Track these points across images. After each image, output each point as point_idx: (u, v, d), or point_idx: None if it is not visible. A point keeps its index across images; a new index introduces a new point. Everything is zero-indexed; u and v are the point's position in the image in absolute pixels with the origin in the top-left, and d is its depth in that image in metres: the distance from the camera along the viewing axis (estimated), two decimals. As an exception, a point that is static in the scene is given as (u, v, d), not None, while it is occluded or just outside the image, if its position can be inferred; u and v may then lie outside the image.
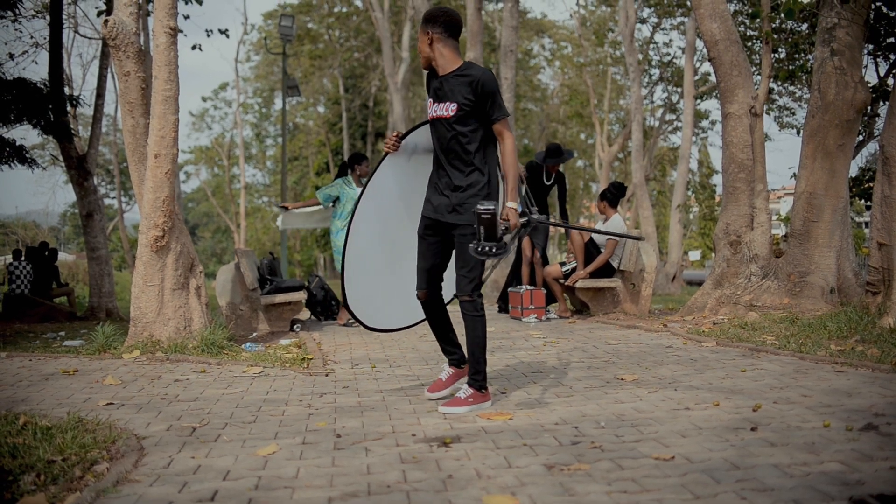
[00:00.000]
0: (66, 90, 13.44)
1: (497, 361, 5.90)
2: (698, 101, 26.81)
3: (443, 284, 4.50)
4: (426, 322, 4.66)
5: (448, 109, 4.18)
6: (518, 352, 6.39)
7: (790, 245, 8.09)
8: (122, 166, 37.08)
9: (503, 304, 10.07)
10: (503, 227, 3.96)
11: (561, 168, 9.82)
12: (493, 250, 3.85)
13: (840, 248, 7.92)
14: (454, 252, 4.31)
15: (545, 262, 9.60)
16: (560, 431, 3.60)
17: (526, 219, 4.38)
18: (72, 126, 13.40)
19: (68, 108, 13.30)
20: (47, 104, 11.91)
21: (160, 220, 6.62)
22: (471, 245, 3.91)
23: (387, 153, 4.58)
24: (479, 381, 4.21)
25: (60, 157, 13.41)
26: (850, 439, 3.20)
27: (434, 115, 4.26)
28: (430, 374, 5.41)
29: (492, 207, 3.82)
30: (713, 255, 9.76)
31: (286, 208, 9.56)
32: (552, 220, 5.04)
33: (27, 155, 12.01)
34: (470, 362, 4.24)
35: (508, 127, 4.26)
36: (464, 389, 4.21)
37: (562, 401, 4.33)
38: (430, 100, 4.32)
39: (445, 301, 4.79)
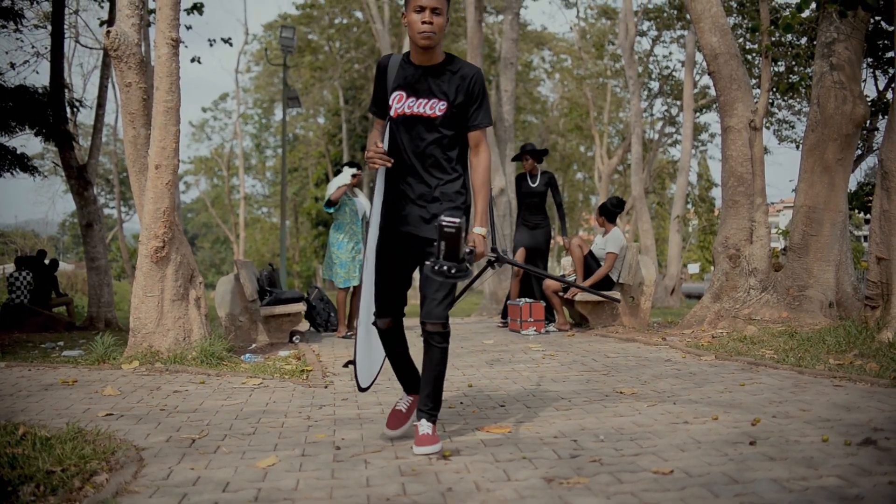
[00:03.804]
0: (67, 96, 13.47)
1: (496, 374, 5.90)
2: (698, 114, 26.88)
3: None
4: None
5: (434, 108, 3.63)
6: (517, 365, 6.39)
7: (789, 259, 8.10)
8: (121, 176, 37.17)
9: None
10: (467, 249, 3.43)
11: (550, 170, 9.71)
12: (453, 272, 3.32)
13: (839, 262, 7.93)
14: (424, 273, 3.62)
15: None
16: (559, 445, 3.60)
17: (495, 255, 3.71)
18: (72, 133, 13.43)
19: (69, 115, 13.34)
20: (47, 111, 11.94)
21: (160, 231, 6.63)
22: (427, 262, 3.38)
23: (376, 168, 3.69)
24: (436, 416, 3.66)
25: (61, 166, 13.44)
26: (848, 454, 3.20)
27: (410, 112, 3.66)
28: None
29: (458, 221, 3.32)
30: (712, 268, 9.76)
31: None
32: (521, 263, 4.40)
33: (28, 163, 12.04)
34: (432, 397, 3.65)
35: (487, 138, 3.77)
36: (424, 426, 3.58)
37: (561, 414, 4.33)
38: (401, 93, 3.68)
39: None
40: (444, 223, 3.32)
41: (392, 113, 3.69)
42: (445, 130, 3.66)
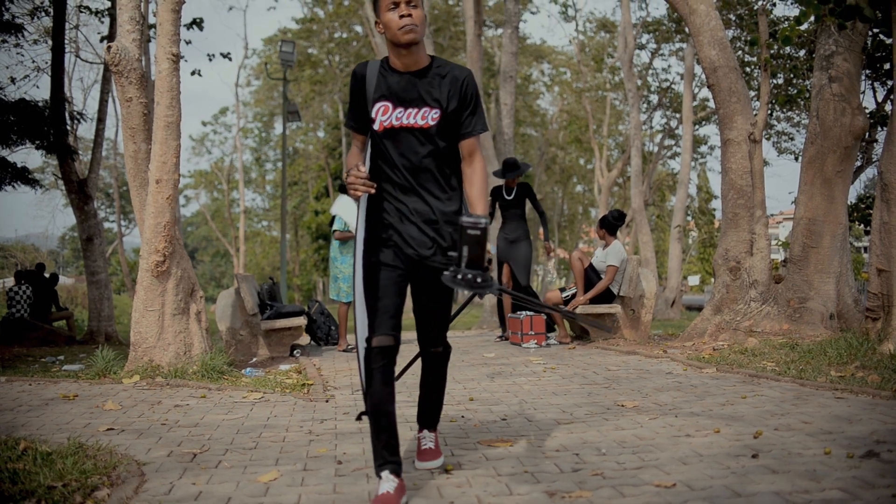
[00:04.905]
0: (68, 109, 13.52)
1: (497, 387, 5.89)
2: (697, 126, 26.94)
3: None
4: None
5: (427, 117, 3.27)
6: (518, 378, 6.38)
7: (790, 271, 8.11)
8: (122, 190, 37.21)
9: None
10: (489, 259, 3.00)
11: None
12: (478, 281, 2.81)
13: (839, 274, 7.93)
14: (428, 303, 3.43)
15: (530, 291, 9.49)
16: (561, 458, 3.60)
17: (490, 283, 2.92)
18: (73, 146, 13.47)
19: (69, 128, 13.37)
20: (48, 124, 11.98)
21: (161, 246, 6.63)
22: (446, 273, 2.88)
23: (358, 196, 3.22)
24: (436, 424, 3.66)
25: (61, 179, 13.48)
26: (851, 466, 3.20)
27: (398, 124, 3.28)
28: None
29: (483, 222, 2.83)
30: (712, 280, 9.76)
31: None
32: (515, 293, 4.09)
33: (30, 176, 12.07)
34: (433, 408, 3.61)
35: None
36: (429, 438, 3.59)
37: (562, 427, 4.33)
38: (385, 104, 3.29)
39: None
40: (467, 224, 2.83)
41: (377, 126, 3.30)
42: (441, 141, 3.30)
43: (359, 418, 3.41)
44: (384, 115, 3.28)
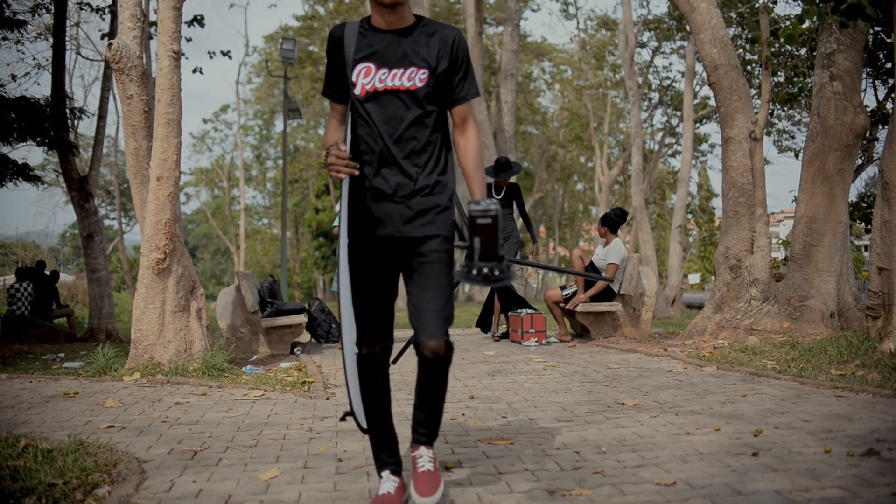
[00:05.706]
0: (68, 105, 13.52)
1: (497, 385, 5.90)
2: (698, 124, 26.93)
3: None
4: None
5: (415, 78, 2.94)
6: (518, 376, 6.39)
7: (790, 269, 8.10)
8: (122, 187, 37.21)
9: (484, 328, 10.10)
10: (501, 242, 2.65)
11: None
12: (496, 273, 2.49)
13: (840, 273, 7.93)
14: (418, 281, 2.97)
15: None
16: (561, 456, 3.60)
17: (508, 273, 2.58)
18: (73, 142, 13.46)
19: (70, 125, 13.37)
20: (49, 121, 11.98)
21: (162, 243, 6.63)
22: (458, 269, 2.58)
23: (340, 178, 2.90)
24: (434, 439, 3.15)
25: (62, 175, 13.48)
26: (851, 465, 3.20)
27: (382, 86, 2.95)
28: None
29: (493, 208, 2.49)
30: (713, 278, 9.75)
31: None
32: (534, 262, 3.90)
33: (31, 173, 12.08)
34: (433, 420, 3.10)
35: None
36: (427, 457, 3.05)
37: (563, 425, 4.33)
38: (367, 65, 2.95)
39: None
40: (476, 213, 2.49)
41: (358, 91, 2.96)
42: (429, 106, 2.98)
43: (343, 418, 3.10)
44: (366, 77, 2.95)
